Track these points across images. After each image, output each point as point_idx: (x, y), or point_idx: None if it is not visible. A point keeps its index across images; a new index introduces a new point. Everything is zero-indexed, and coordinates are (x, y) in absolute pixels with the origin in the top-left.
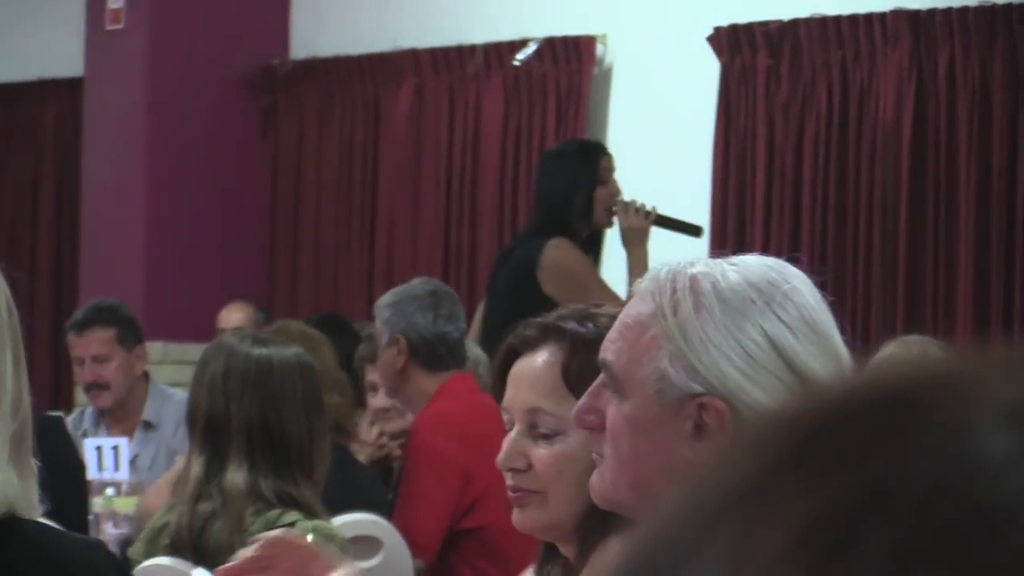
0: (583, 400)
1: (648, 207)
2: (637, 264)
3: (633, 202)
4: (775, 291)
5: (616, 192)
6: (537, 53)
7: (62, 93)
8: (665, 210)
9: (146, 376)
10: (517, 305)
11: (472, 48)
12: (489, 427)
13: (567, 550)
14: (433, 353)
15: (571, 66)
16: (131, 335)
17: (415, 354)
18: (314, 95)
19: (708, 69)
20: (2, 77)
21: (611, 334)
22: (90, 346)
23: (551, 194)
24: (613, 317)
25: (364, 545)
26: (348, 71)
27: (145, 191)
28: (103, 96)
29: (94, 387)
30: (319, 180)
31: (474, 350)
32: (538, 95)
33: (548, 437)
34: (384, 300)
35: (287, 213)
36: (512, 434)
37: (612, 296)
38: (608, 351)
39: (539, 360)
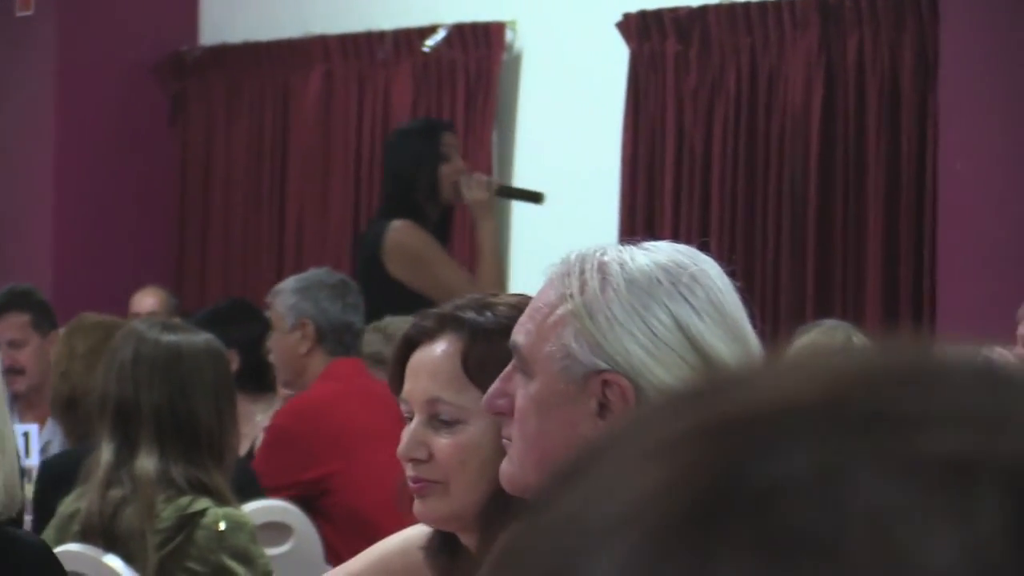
0: (494, 385)
1: (489, 179)
2: (487, 236)
3: (475, 175)
4: (682, 273)
5: (461, 168)
6: (446, 39)
7: None
8: (575, 197)
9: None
10: (368, 289)
11: (382, 34)
12: (363, 411)
13: (468, 539)
14: (339, 340)
15: (480, 52)
16: (46, 320)
17: (322, 339)
18: (223, 81)
19: (617, 55)
20: None
21: (522, 317)
22: (4, 331)
23: (395, 174)
24: (512, 306)
25: (274, 532)
26: (257, 57)
27: (53, 178)
28: (11, 82)
29: (9, 372)
30: (228, 166)
31: None
32: (447, 81)
33: (449, 427)
34: (288, 286)
35: (196, 199)
36: (412, 425)
37: (458, 274)
38: (519, 333)
39: (438, 350)
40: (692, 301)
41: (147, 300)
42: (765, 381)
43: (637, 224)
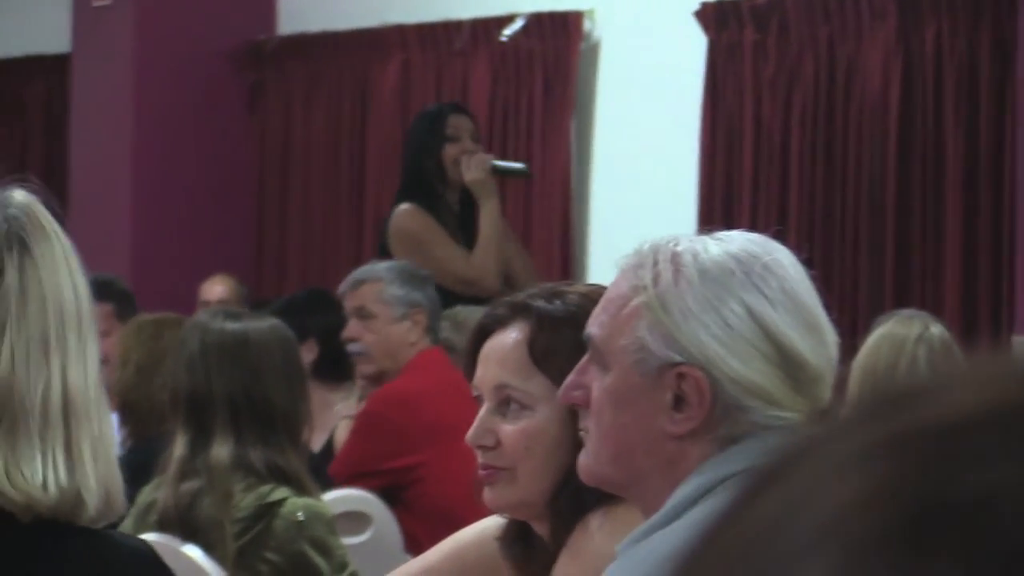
0: (570, 377)
1: (487, 158)
2: (487, 215)
3: (475, 156)
4: (755, 262)
5: (467, 149)
6: (524, 29)
7: (49, 69)
8: (653, 187)
9: None
10: None
11: (459, 24)
12: (450, 402)
13: (540, 528)
14: (436, 332)
15: (558, 42)
16: (128, 310)
17: (430, 329)
18: (302, 71)
19: (695, 45)
20: None
21: (596, 309)
22: None
23: (406, 158)
24: (583, 295)
25: (353, 521)
26: (335, 47)
27: (132, 167)
28: (90, 72)
29: None
30: (306, 155)
31: None
32: (525, 71)
33: (516, 414)
34: (386, 276)
35: (275, 188)
36: (481, 412)
37: (456, 258)
38: (592, 325)
39: (508, 338)
40: (765, 291)
41: (216, 288)
42: (950, 389)
43: (715, 213)
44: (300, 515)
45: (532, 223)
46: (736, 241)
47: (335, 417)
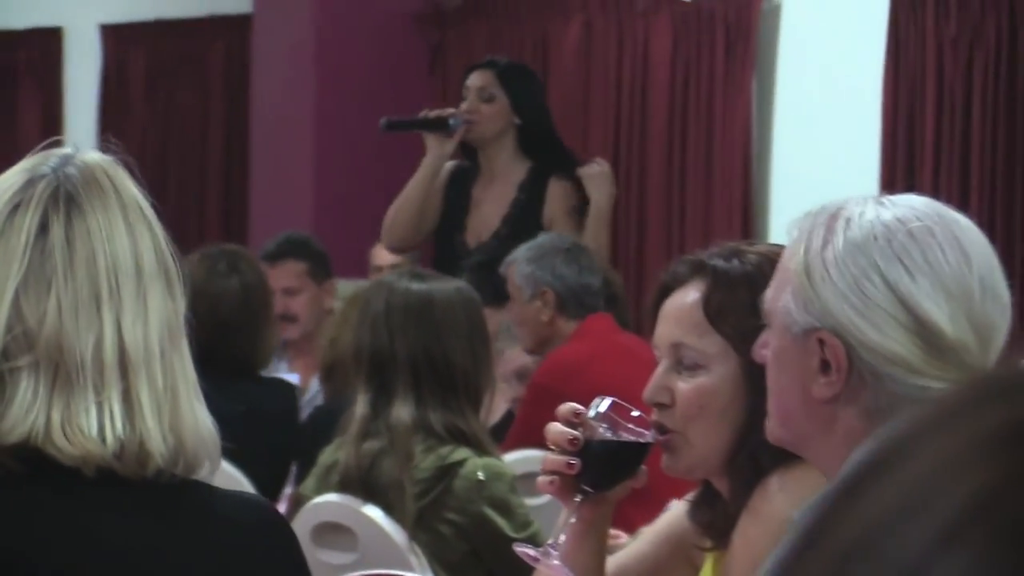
0: (763, 334)
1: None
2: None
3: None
4: (899, 230)
5: (466, 108)
6: None
7: (231, 29)
8: (834, 148)
9: (332, 312)
10: None
11: None
12: (618, 367)
13: (720, 485)
14: (580, 303)
15: (739, 2)
16: (322, 269)
17: (562, 306)
18: (483, 32)
19: (877, 4)
20: (172, 14)
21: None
22: (280, 278)
23: None
24: (762, 255)
25: (534, 481)
26: (516, 7)
27: (313, 127)
28: (271, 32)
29: (282, 318)
30: None
31: None
32: (706, 32)
33: (691, 371)
34: (521, 256)
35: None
36: (658, 369)
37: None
38: (769, 286)
39: (685, 296)
40: (904, 259)
41: (387, 253)
42: None
43: (897, 174)
44: (480, 475)
45: (713, 183)
46: (899, 206)
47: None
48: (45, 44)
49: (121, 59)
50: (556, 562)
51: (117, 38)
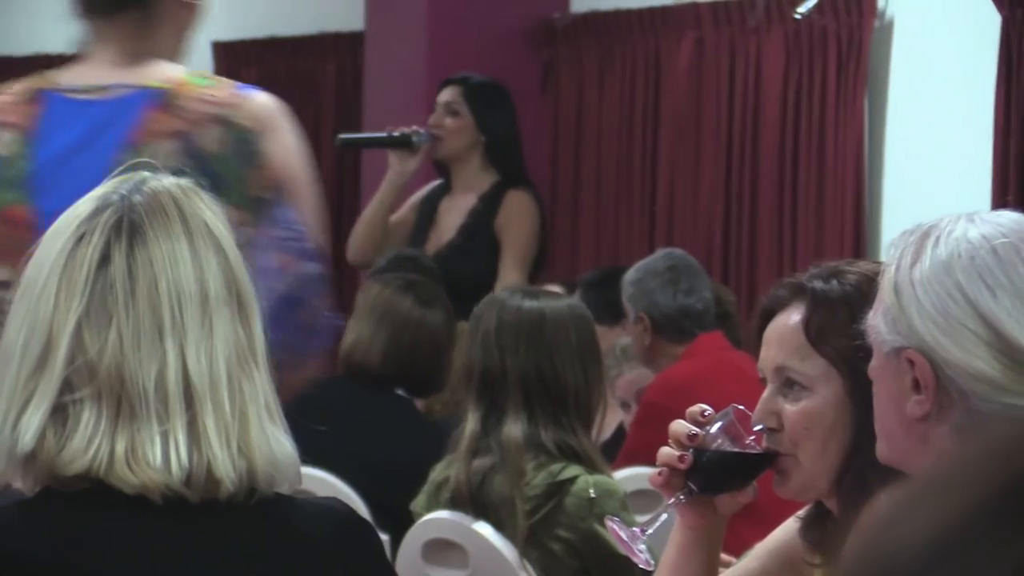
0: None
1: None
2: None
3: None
4: (983, 246)
5: (433, 123)
6: (818, 5)
7: (343, 47)
8: (946, 165)
9: None
10: None
11: (753, 1)
12: (728, 385)
13: (830, 504)
14: (678, 327)
15: (852, 19)
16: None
17: (659, 331)
18: (594, 49)
19: (989, 22)
20: (284, 31)
21: None
22: None
23: None
24: (861, 273)
25: (645, 499)
26: (628, 24)
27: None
28: (384, 50)
29: None
30: (599, 134)
31: None
32: (819, 48)
33: (796, 395)
34: (628, 277)
35: (568, 166)
36: (765, 393)
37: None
38: (868, 306)
39: (787, 320)
40: (986, 277)
41: None
42: None
43: (1010, 190)
44: (592, 492)
45: (825, 200)
46: (985, 223)
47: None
48: None
49: (233, 77)
50: (642, 546)
51: (229, 56)
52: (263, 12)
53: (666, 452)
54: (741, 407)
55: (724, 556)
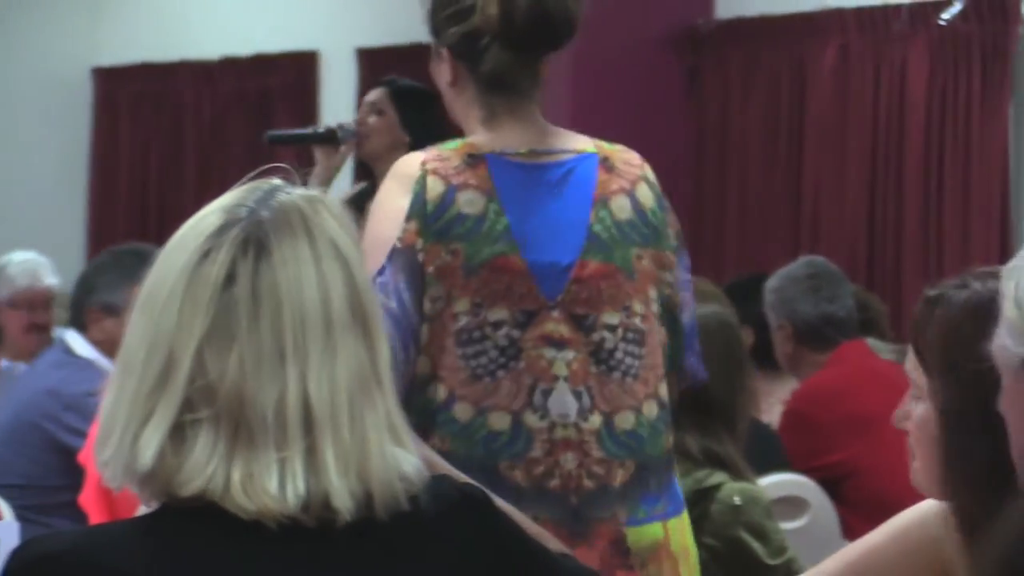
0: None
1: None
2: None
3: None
4: None
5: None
6: (962, 12)
7: None
8: None
9: None
10: None
11: (898, 7)
12: (872, 393)
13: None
14: (819, 335)
15: (996, 26)
16: None
17: (801, 339)
18: (739, 55)
19: None
20: (428, 37)
21: None
22: None
23: None
24: (975, 292)
25: (789, 506)
26: (773, 31)
27: None
28: None
29: None
30: (744, 140)
31: None
32: (963, 55)
33: (915, 402)
34: (769, 284)
35: (712, 174)
36: (906, 396)
37: None
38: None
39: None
40: None
41: None
42: None
43: None
44: (737, 499)
45: (970, 207)
46: None
47: (774, 408)
48: (301, 68)
49: (377, 83)
50: None
51: (373, 62)
52: (408, 18)
53: None
54: None
55: None
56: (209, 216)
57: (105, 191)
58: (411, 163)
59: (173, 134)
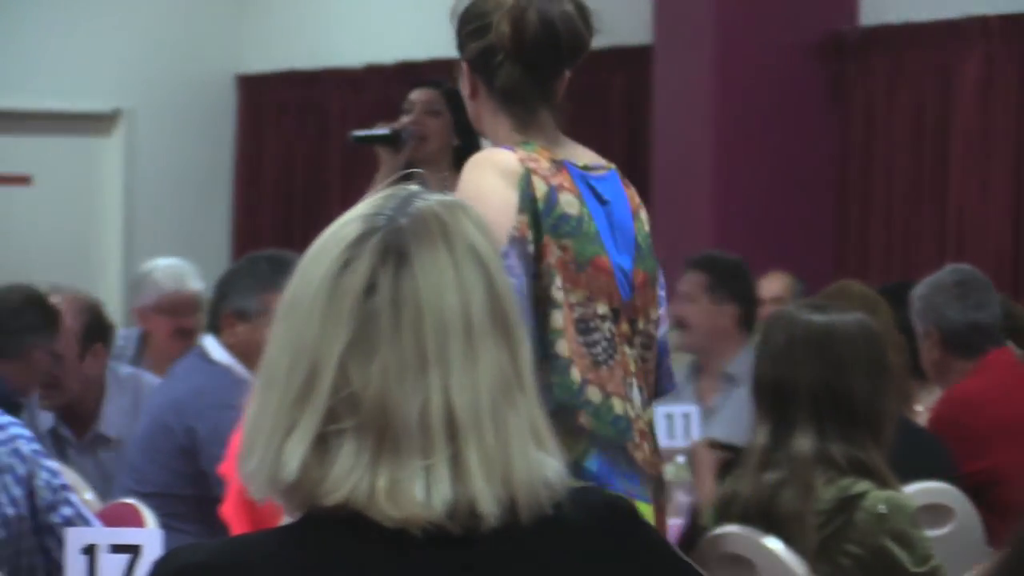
0: None
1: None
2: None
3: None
4: None
5: (408, 122)
6: None
7: (631, 61)
8: None
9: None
10: None
11: None
12: (1020, 401)
13: None
14: (967, 342)
15: None
16: (722, 287)
17: (948, 346)
18: (884, 62)
19: None
20: None
21: None
22: (680, 284)
23: None
24: None
25: (935, 514)
26: (918, 38)
27: (713, 159)
28: (672, 63)
29: (677, 327)
30: (889, 149)
31: None
32: None
33: None
34: (916, 291)
35: (857, 182)
36: None
37: None
38: None
39: None
40: None
41: (773, 285)
42: None
43: None
44: (882, 507)
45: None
46: None
47: (919, 416)
48: (446, 75)
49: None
50: None
51: None
52: None
53: None
54: None
55: None
56: (348, 225)
57: (250, 198)
58: (509, 159)
59: (318, 142)
